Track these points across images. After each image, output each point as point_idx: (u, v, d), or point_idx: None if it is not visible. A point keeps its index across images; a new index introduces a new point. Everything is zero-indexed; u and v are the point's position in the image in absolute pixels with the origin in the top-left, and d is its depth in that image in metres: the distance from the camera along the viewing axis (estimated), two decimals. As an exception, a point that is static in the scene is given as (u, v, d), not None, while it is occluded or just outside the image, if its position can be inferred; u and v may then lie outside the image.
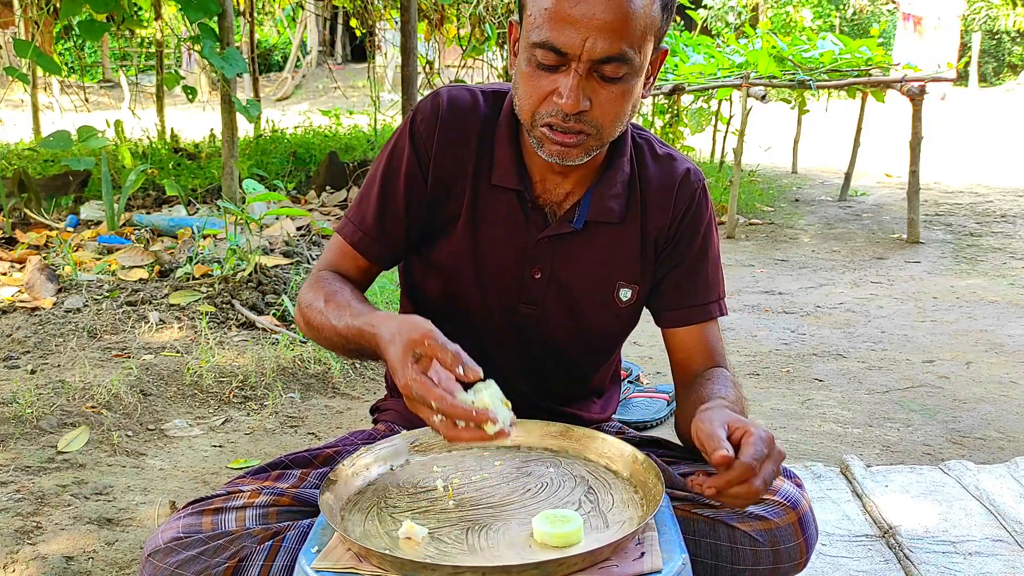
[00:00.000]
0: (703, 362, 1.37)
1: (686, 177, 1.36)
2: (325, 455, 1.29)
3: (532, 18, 1.16)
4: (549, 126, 1.18)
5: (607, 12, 1.12)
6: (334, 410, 2.75)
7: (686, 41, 8.17)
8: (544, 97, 1.17)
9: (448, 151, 1.31)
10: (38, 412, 2.49)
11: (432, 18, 7.34)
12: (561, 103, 1.15)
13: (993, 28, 21.50)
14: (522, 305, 1.34)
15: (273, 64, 19.91)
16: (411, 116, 1.34)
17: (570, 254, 1.33)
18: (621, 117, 1.20)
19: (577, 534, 0.97)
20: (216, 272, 3.80)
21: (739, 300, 4.12)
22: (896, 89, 5.50)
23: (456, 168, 1.32)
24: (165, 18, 8.40)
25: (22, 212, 4.96)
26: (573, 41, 1.12)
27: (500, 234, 1.32)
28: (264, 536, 1.09)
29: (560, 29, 1.12)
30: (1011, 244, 5.42)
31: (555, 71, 1.16)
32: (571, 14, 1.12)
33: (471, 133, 1.32)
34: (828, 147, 9.63)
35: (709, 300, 1.38)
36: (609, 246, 1.34)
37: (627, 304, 1.37)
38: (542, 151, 1.21)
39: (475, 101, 1.33)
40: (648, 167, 1.36)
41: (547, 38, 1.13)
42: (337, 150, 6.78)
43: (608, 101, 1.17)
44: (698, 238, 1.37)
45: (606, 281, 1.35)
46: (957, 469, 2.22)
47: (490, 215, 1.32)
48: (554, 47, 1.13)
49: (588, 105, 1.16)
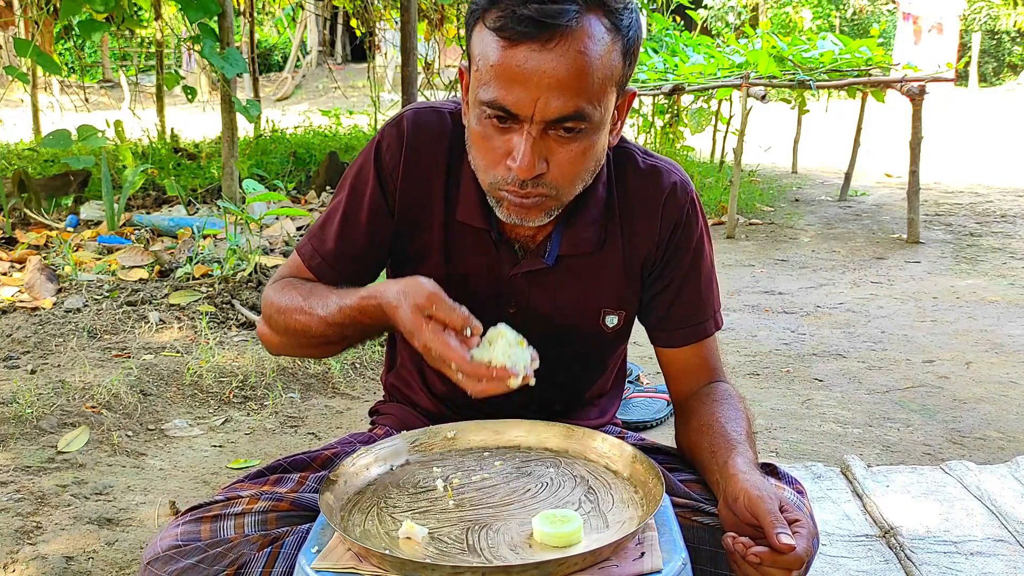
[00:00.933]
0: (699, 378, 1.33)
1: (672, 192, 1.27)
2: (323, 458, 1.29)
3: (479, 72, 1.07)
4: (505, 191, 1.11)
5: (560, 68, 1.02)
6: (334, 410, 2.75)
7: (686, 41, 8.18)
8: (499, 160, 1.09)
9: (415, 182, 1.24)
10: (38, 412, 2.49)
11: (432, 18, 7.35)
12: (514, 167, 1.07)
13: (993, 28, 21.51)
14: None
15: (273, 64, 19.92)
16: (375, 143, 1.26)
17: (546, 289, 1.26)
18: (582, 175, 1.13)
19: (577, 534, 0.97)
20: (216, 272, 3.80)
21: (739, 300, 4.11)
22: (896, 89, 5.50)
23: (424, 199, 1.25)
24: (165, 18, 8.40)
25: (22, 212, 4.96)
26: (523, 101, 1.03)
27: (472, 269, 1.26)
28: (263, 543, 1.09)
29: (509, 88, 1.03)
30: (1011, 244, 5.42)
31: (507, 131, 1.07)
32: (520, 71, 1.02)
33: (438, 162, 1.24)
34: (828, 147, 9.64)
35: (703, 319, 1.32)
36: (588, 276, 1.27)
37: (615, 328, 1.32)
38: (500, 212, 1.14)
39: (442, 126, 1.25)
40: (629, 186, 1.27)
41: (495, 97, 1.04)
42: (337, 150, 6.78)
43: (567, 160, 1.08)
44: (688, 255, 1.29)
45: (589, 311, 1.29)
46: (958, 469, 2.22)
47: (461, 249, 1.26)
48: (503, 107, 1.05)
49: (545, 167, 1.08)
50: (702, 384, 1.33)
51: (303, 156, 7.10)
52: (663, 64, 7.18)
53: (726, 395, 1.28)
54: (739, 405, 1.26)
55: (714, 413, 1.24)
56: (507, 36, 1.03)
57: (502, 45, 1.04)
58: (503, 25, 1.03)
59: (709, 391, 1.30)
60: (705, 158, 8.27)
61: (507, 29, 1.03)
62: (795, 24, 20.22)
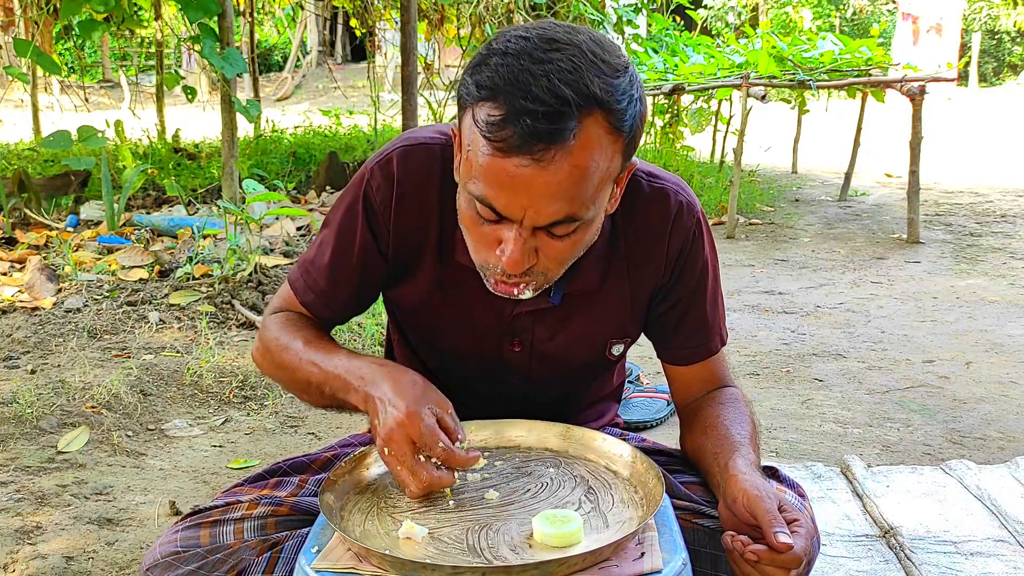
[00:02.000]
0: (704, 388, 1.33)
1: (679, 214, 1.22)
2: (323, 460, 1.29)
3: (468, 162, 1.01)
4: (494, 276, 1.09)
5: (553, 182, 0.96)
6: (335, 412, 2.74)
7: (686, 41, 8.18)
8: (488, 247, 1.06)
9: (409, 224, 1.21)
10: (38, 412, 2.49)
11: (432, 18, 7.34)
12: (503, 262, 1.03)
13: (993, 28, 21.51)
14: (506, 374, 1.29)
15: (273, 64, 19.92)
16: (364, 183, 1.21)
17: (551, 325, 1.24)
18: (573, 258, 1.10)
19: (577, 534, 0.97)
20: (216, 272, 3.80)
21: (739, 300, 4.11)
22: (896, 89, 5.50)
23: (419, 240, 1.22)
24: (165, 18, 8.39)
25: (22, 212, 4.96)
26: (513, 207, 0.99)
27: (473, 309, 1.23)
28: (262, 548, 1.09)
29: (498, 192, 0.98)
30: (1011, 244, 5.42)
31: (498, 223, 1.03)
32: (511, 180, 0.97)
33: (431, 203, 1.19)
34: (828, 147, 9.63)
35: (709, 339, 1.31)
36: (595, 310, 1.25)
37: (620, 354, 1.32)
38: (488, 284, 1.11)
39: (432, 164, 1.19)
40: (636, 212, 1.22)
41: (484, 196, 1.00)
42: (337, 150, 6.78)
43: (558, 252, 1.05)
44: (695, 276, 1.27)
45: (595, 343, 1.28)
46: (959, 469, 2.22)
47: (460, 289, 1.22)
48: (492, 208, 1.00)
49: (535, 258, 1.05)
50: (708, 391, 1.33)
51: (303, 156, 7.11)
52: (663, 64, 7.19)
53: (732, 398, 1.28)
54: (744, 408, 1.26)
55: (719, 415, 1.24)
56: (498, 147, 0.96)
57: (491, 152, 0.97)
58: (494, 135, 0.96)
59: (715, 394, 1.31)
60: (705, 158, 8.27)
61: (499, 141, 0.96)
62: (795, 24, 20.22)
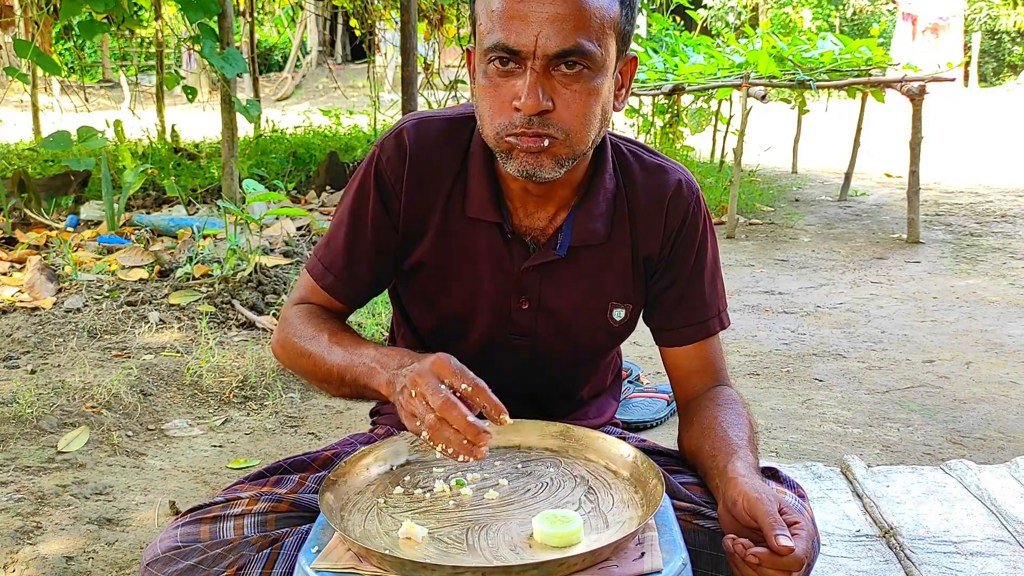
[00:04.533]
0: (703, 379, 1.34)
1: (678, 190, 1.29)
2: (323, 458, 1.29)
3: (483, 28, 1.12)
4: (514, 135, 1.12)
5: (557, 4, 1.07)
6: (334, 410, 2.74)
7: (686, 41, 8.17)
8: (505, 106, 1.11)
9: (419, 193, 1.26)
10: (38, 412, 2.49)
11: (432, 18, 7.35)
12: (520, 105, 1.09)
13: (993, 28, 21.50)
14: (512, 337, 1.31)
15: (273, 64, 19.91)
16: (375, 157, 1.27)
17: (557, 281, 1.28)
18: (589, 120, 1.13)
19: (577, 534, 0.97)
20: (216, 272, 3.80)
21: (739, 300, 4.11)
22: (896, 89, 5.49)
23: (429, 206, 1.26)
24: (165, 18, 8.40)
25: (22, 212, 4.96)
26: (525, 38, 1.08)
27: (482, 268, 1.27)
28: (262, 544, 1.09)
29: (510, 28, 1.08)
30: (1011, 244, 5.42)
31: (511, 76, 1.11)
32: (520, 10, 1.08)
33: (443, 169, 1.26)
34: (828, 147, 9.63)
35: (707, 317, 1.33)
36: (598, 269, 1.29)
37: (621, 322, 1.33)
38: (511, 165, 1.14)
39: (443, 134, 1.26)
40: (636, 181, 1.29)
41: (498, 40, 1.09)
42: (337, 150, 6.78)
43: (572, 100, 1.10)
44: (693, 254, 1.31)
45: (598, 304, 1.31)
46: (959, 469, 2.21)
47: (469, 249, 1.27)
48: (506, 47, 1.09)
49: (551, 105, 1.10)
50: (707, 386, 1.34)
51: (303, 156, 7.10)
52: (663, 64, 7.17)
53: (729, 400, 1.29)
54: (742, 410, 1.27)
55: (716, 417, 1.24)
56: None
57: None
58: None
59: (713, 395, 1.31)
60: (705, 158, 8.27)
61: None
62: (795, 24, 20.22)
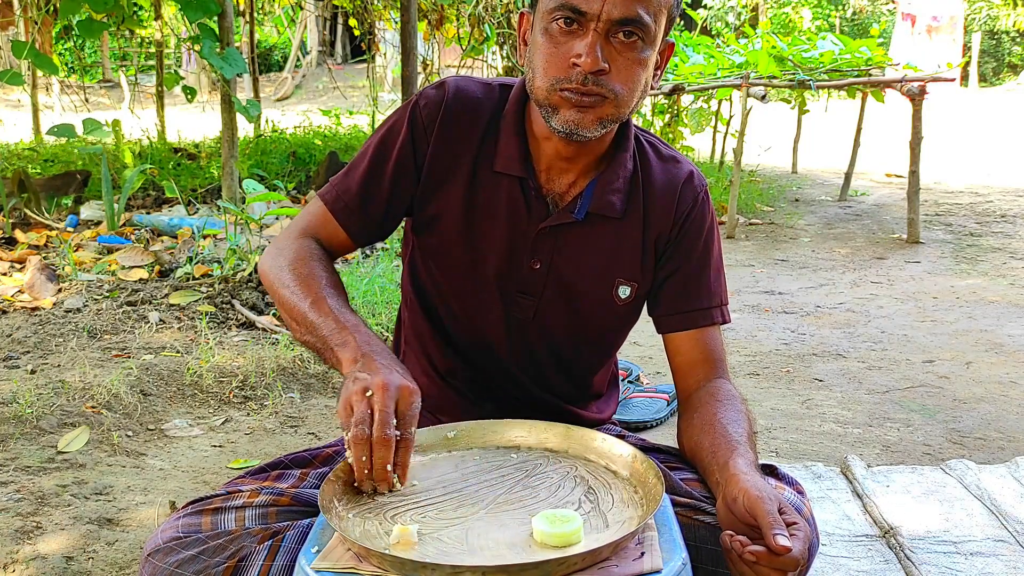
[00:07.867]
0: (704, 369, 1.35)
1: (689, 180, 1.36)
2: (325, 455, 1.29)
3: None
4: (568, 90, 1.17)
5: None
6: (334, 410, 2.74)
7: (686, 41, 8.17)
8: (563, 62, 1.17)
9: (449, 143, 1.31)
10: (38, 412, 2.49)
11: (432, 18, 7.34)
12: (580, 62, 1.15)
13: (993, 28, 21.50)
14: (520, 295, 1.34)
15: (273, 64, 19.91)
16: (413, 101, 1.33)
17: (570, 246, 1.32)
18: (636, 87, 1.20)
19: (577, 534, 0.97)
20: (216, 272, 3.80)
21: (739, 300, 4.12)
22: (896, 89, 5.50)
23: (455, 157, 1.31)
24: (165, 18, 8.39)
25: (22, 212, 4.96)
26: (593, 1, 1.14)
27: (500, 223, 1.31)
28: (264, 536, 1.09)
29: None
30: (1011, 244, 5.42)
31: (572, 36, 1.17)
32: None
33: (476, 125, 1.31)
34: (828, 147, 9.64)
35: (710, 305, 1.36)
36: (610, 241, 1.33)
37: (625, 302, 1.36)
38: (556, 119, 1.20)
39: (482, 93, 1.33)
40: (652, 167, 1.35)
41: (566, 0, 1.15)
42: (337, 150, 6.78)
43: (624, 67, 1.18)
44: (700, 242, 1.36)
45: (605, 277, 1.34)
46: (959, 469, 2.22)
47: (490, 204, 1.31)
48: (575, 7, 1.15)
49: (607, 67, 1.16)
50: (707, 378, 1.35)
51: (303, 156, 7.10)
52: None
53: (729, 396, 1.29)
54: (741, 407, 1.27)
55: (716, 413, 1.24)
56: None
57: None
58: None
59: (713, 391, 1.31)
60: (705, 158, 8.27)
61: None
62: (795, 24, 20.21)
